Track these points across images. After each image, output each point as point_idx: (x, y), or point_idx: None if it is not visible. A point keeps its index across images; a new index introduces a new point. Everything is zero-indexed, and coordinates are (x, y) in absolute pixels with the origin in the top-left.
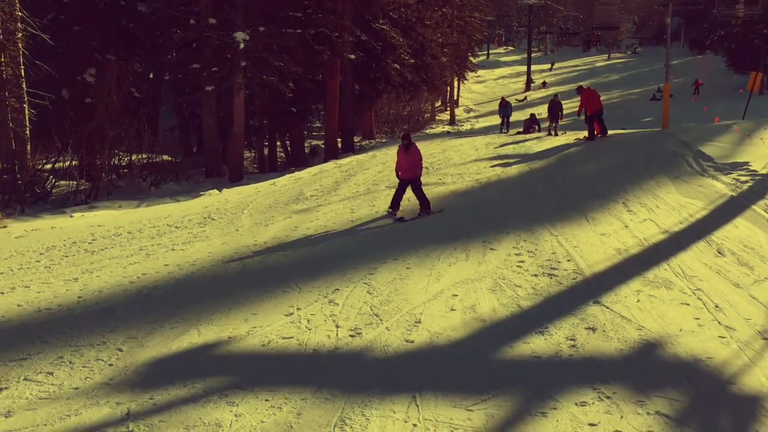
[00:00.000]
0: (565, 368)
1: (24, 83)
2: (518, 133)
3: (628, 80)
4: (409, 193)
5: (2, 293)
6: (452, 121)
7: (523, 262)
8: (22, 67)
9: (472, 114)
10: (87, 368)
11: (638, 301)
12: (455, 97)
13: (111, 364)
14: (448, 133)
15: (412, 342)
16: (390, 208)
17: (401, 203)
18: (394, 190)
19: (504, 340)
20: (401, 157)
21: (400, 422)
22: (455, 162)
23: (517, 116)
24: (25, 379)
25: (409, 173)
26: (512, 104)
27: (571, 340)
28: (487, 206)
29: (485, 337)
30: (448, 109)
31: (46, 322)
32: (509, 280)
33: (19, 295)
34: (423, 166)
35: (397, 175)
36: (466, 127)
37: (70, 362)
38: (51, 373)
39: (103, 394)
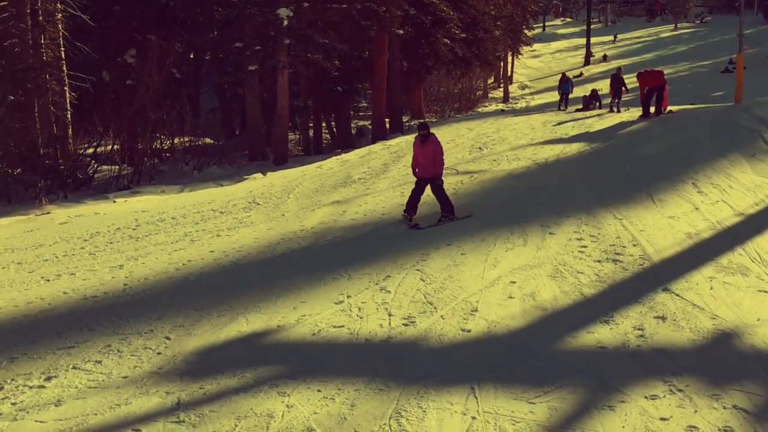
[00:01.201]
0: (632, 359)
1: (64, 65)
2: (577, 110)
3: (697, 52)
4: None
5: (48, 280)
6: (506, 99)
7: (585, 247)
8: (63, 48)
9: (527, 91)
10: (135, 357)
11: (711, 288)
12: (509, 73)
13: (159, 353)
14: (502, 111)
15: (469, 331)
16: (405, 211)
17: (419, 206)
18: (448, 173)
19: (566, 330)
20: (418, 151)
21: (458, 415)
22: (510, 142)
23: (576, 92)
24: (74, 368)
25: (428, 171)
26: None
27: (638, 329)
28: (545, 188)
29: (546, 326)
30: (502, 85)
31: (93, 310)
32: (570, 267)
33: (65, 282)
34: (444, 162)
35: (414, 173)
36: (521, 104)
37: (118, 351)
38: (99, 362)
39: (152, 383)
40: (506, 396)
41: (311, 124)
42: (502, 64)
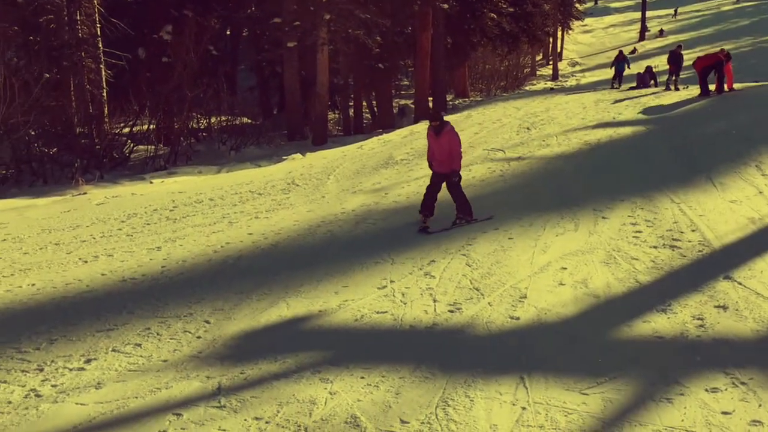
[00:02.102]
0: (692, 350)
1: (100, 42)
2: (631, 88)
3: (761, 25)
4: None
5: (86, 261)
6: (555, 77)
7: (640, 232)
8: (98, 25)
9: (577, 68)
10: (175, 340)
11: None
12: (559, 50)
13: (199, 337)
14: (551, 90)
15: (518, 319)
16: (420, 212)
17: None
18: (489, 153)
19: (621, 318)
20: (432, 143)
21: (508, 405)
22: (560, 122)
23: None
24: (114, 350)
25: (444, 166)
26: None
27: (698, 319)
28: (598, 170)
29: (599, 314)
30: (551, 62)
31: (131, 292)
32: (625, 252)
33: (103, 263)
34: (462, 155)
35: (430, 166)
36: (571, 82)
37: (158, 334)
38: (139, 345)
39: (192, 367)
40: (558, 386)
41: (351, 103)
42: (551, 39)
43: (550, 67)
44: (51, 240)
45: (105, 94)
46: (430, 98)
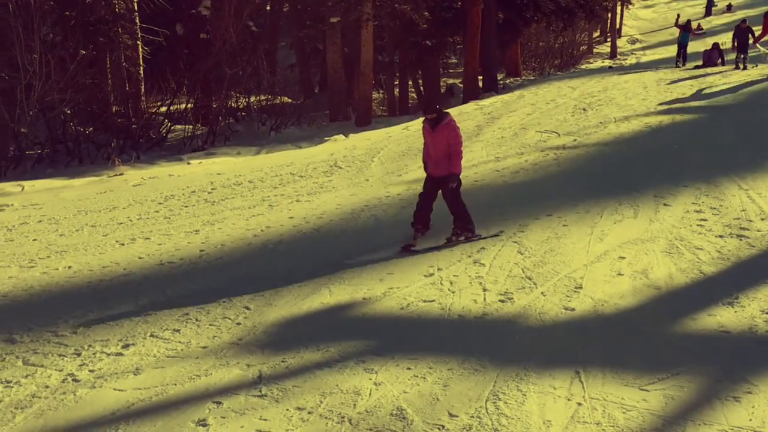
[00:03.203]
0: (761, 346)
1: (137, 18)
2: (696, 66)
3: None
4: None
5: (123, 244)
6: (613, 54)
7: (705, 220)
8: (135, 0)
9: (637, 45)
10: (214, 326)
11: None
12: (617, 26)
13: (239, 323)
14: (609, 68)
15: (573, 310)
16: (413, 224)
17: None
18: (542, 136)
19: (684, 311)
20: (428, 139)
21: (562, 400)
22: (619, 102)
23: (695, 47)
24: (152, 336)
25: (440, 168)
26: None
27: (767, 313)
28: (659, 154)
29: (660, 306)
30: (609, 39)
31: (169, 276)
32: (688, 242)
33: (140, 246)
34: (462, 154)
35: (426, 168)
36: (631, 60)
37: (197, 320)
38: (177, 331)
39: (232, 354)
40: (615, 382)
41: (396, 82)
42: (609, 15)
43: (608, 44)
44: (87, 222)
45: (142, 71)
46: (480, 77)
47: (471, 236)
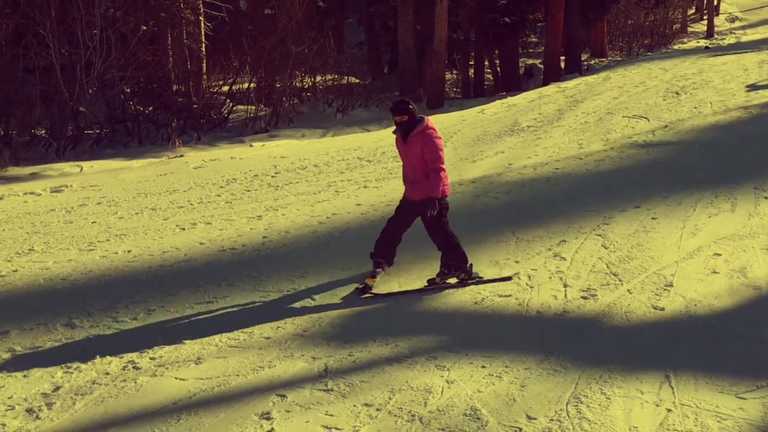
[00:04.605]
0: None
1: None
2: None
3: None
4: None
5: (183, 229)
6: (710, 34)
7: None
8: None
9: (737, 24)
10: (277, 316)
11: None
12: (715, 2)
13: (303, 314)
14: (706, 49)
15: (662, 309)
16: (372, 256)
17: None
18: (630, 121)
19: None
20: (400, 151)
21: (650, 405)
22: (716, 86)
23: None
24: (213, 324)
25: (416, 189)
26: None
27: None
28: (760, 143)
29: (760, 308)
30: (705, 17)
31: (231, 263)
32: None
33: (201, 231)
34: (445, 173)
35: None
36: (729, 40)
37: (260, 309)
38: (240, 320)
39: (297, 346)
40: (709, 388)
41: (472, 62)
42: None
43: (705, 22)
44: (147, 205)
45: (204, 48)
46: (563, 57)
47: (465, 277)
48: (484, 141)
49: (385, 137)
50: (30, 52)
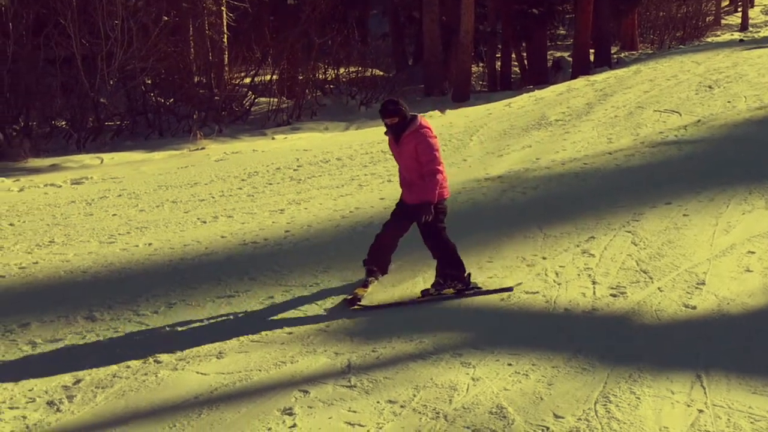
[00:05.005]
0: None
1: None
2: None
3: None
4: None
5: (204, 222)
6: (745, 26)
7: None
8: None
9: None
10: (300, 311)
11: None
12: None
13: (326, 309)
14: (740, 42)
15: (694, 308)
16: (365, 263)
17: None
18: (661, 116)
19: None
20: (394, 153)
21: (681, 406)
22: (750, 79)
23: None
24: (235, 319)
25: (413, 192)
26: None
27: None
28: None
29: None
30: (740, 9)
31: (253, 257)
32: None
33: (223, 225)
34: (443, 175)
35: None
36: (764, 33)
37: (282, 303)
38: (262, 314)
39: (319, 341)
40: (742, 388)
41: (498, 55)
42: None
43: (739, 14)
44: (168, 197)
45: (225, 39)
46: (592, 50)
47: (462, 288)
48: (510, 135)
49: None
50: (51, 42)
